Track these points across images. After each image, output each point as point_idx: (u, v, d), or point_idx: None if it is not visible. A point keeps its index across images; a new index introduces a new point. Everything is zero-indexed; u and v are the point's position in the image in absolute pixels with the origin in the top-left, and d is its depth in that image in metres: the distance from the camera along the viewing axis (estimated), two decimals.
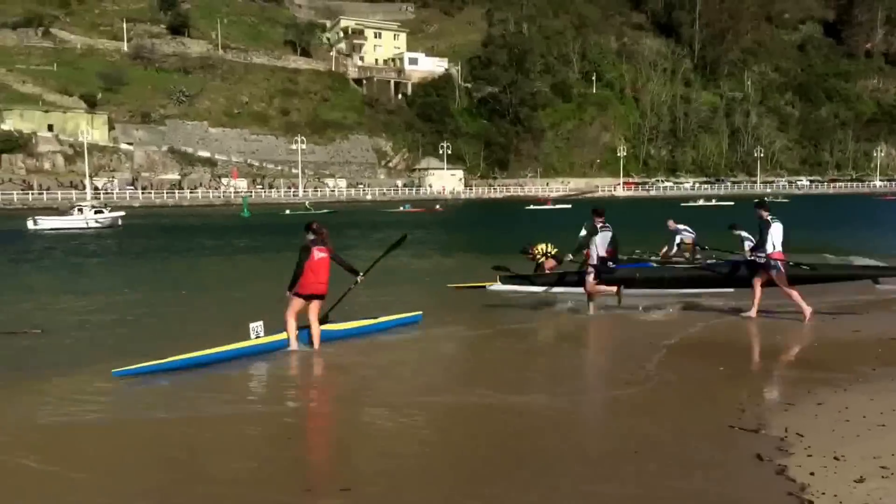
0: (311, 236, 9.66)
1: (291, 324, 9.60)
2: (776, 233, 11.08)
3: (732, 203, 78.37)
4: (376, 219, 55.10)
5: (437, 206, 76.92)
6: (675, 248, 16.88)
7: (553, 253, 14.41)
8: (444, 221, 53.55)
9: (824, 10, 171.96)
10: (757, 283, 11.28)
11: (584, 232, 12.45)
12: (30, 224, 44.56)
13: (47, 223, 45.41)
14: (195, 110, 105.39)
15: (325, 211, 64.32)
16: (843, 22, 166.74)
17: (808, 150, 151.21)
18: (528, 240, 16.16)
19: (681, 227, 17.18)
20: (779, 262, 11.01)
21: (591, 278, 11.91)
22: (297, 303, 9.51)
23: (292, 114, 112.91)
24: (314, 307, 9.70)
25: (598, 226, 12.02)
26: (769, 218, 11.18)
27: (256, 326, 9.48)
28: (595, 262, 11.96)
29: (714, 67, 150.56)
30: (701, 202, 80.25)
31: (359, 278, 10.14)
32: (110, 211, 50.65)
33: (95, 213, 48.06)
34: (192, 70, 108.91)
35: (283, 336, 9.60)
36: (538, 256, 14.52)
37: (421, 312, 11.56)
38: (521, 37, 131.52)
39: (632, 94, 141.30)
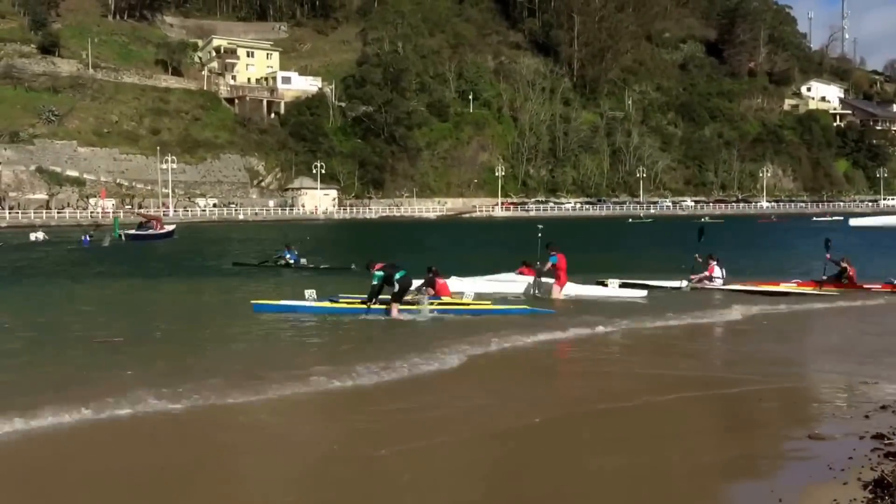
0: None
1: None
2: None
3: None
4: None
5: (773, 217, 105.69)
6: None
7: None
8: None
9: (705, 30, 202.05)
10: None
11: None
12: None
13: None
14: (64, 129, 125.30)
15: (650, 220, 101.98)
16: (724, 41, 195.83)
17: (693, 170, 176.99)
18: None
19: None
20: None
21: None
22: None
23: (163, 133, 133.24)
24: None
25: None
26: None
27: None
28: None
29: (594, 87, 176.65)
30: None
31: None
32: None
33: None
34: (61, 89, 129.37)
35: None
36: None
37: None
38: (396, 56, 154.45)
39: (510, 114, 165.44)
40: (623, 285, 24.18)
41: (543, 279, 23.40)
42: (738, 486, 8.16)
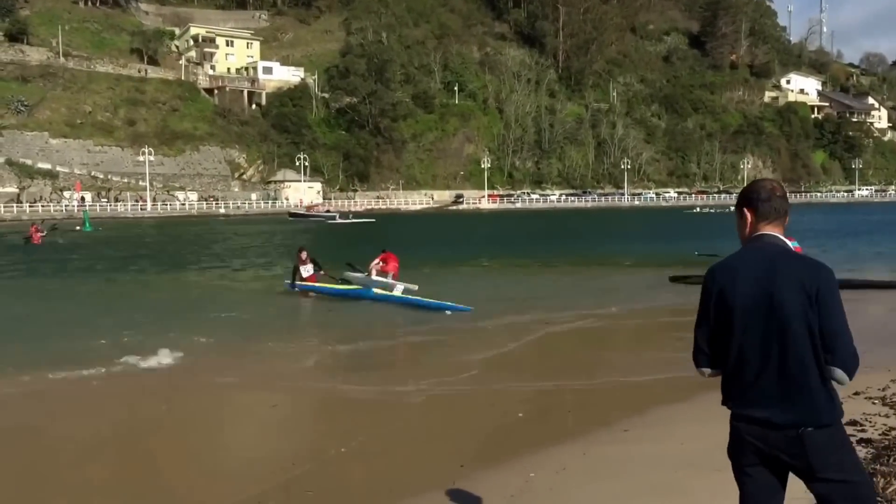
0: None
1: None
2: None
3: None
4: None
5: None
6: None
7: None
8: None
9: (688, 22, 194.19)
10: None
11: None
12: None
13: None
14: (35, 120, 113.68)
15: None
16: (707, 34, 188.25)
17: (676, 161, 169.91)
18: None
19: None
20: None
21: None
22: None
23: (139, 124, 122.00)
24: None
25: None
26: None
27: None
28: None
29: (579, 78, 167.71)
30: None
31: None
32: None
33: None
34: (31, 79, 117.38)
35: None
36: None
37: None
38: (380, 46, 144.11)
39: (495, 105, 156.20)
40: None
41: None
42: (706, 477, 7.35)
